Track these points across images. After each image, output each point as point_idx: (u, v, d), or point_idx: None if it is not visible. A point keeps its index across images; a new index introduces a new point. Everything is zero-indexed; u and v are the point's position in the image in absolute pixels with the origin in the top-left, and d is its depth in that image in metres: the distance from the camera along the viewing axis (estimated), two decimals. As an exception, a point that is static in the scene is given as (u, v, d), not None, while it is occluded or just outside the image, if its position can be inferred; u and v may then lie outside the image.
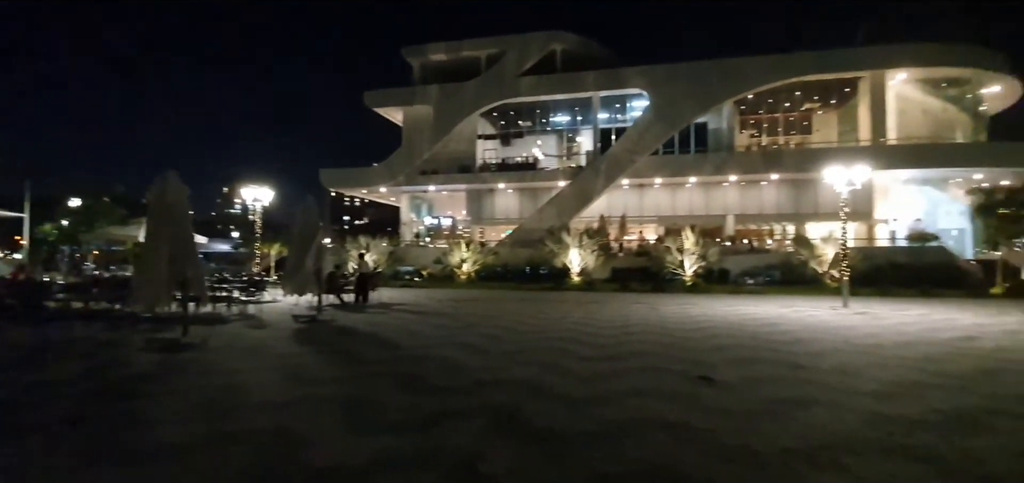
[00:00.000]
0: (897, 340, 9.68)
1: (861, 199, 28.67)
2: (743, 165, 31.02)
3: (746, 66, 30.64)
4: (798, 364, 7.49)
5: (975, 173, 28.22)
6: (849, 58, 29.91)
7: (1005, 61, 29.48)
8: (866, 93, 30.32)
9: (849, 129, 32.19)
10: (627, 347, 8.87)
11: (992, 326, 11.63)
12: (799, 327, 11.36)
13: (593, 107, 33.68)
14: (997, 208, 21.90)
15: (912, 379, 6.59)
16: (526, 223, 32.49)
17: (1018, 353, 8.40)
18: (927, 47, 29.28)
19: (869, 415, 5.09)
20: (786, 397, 5.74)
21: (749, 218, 32.57)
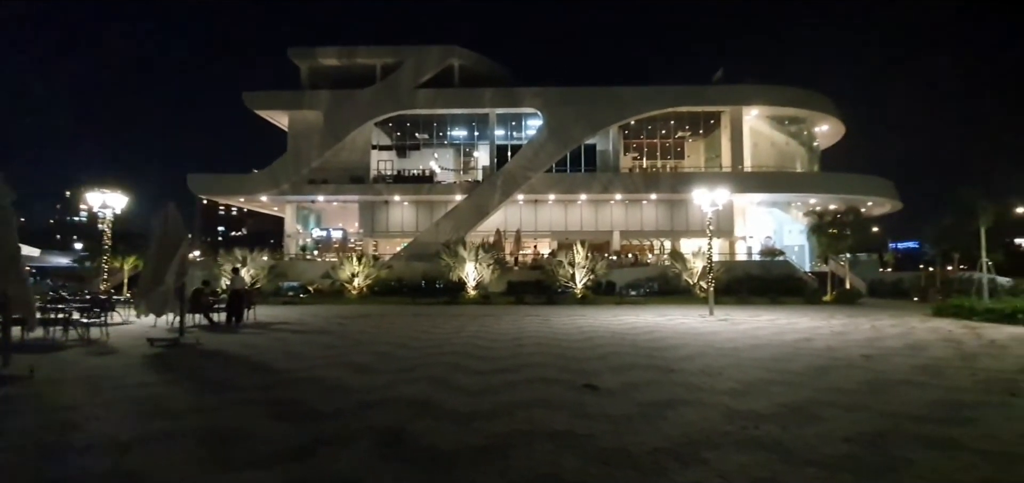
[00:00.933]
0: (751, 343, 10.95)
1: (724, 218, 32.31)
2: (627, 185, 33.43)
3: (629, 95, 33.23)
4: (670, 368, 8.14)
5: (810, 198, 33.20)
6: (712, 94, 33.76)
7: (831, 104, 35.19)
8: (727, 126, 34.33)
9: (714, 156, 36.13)
10: (519, 359, 9.02)
11: (823, 328, 13.64)
12: (672, 334, 12.40)
13: (490, 123, 34.29)
14: (827, 228, 25.88)
15: (761, 377, 7.47)
16: (422, 236, 32.00)
17: (843, 352, 9.90)
18: (773, 89, 34.00)
19: (727, 411, 5.66)
20: (659, 399, 6.20)
21: (632, 234, 35.12)
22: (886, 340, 11.40)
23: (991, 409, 5.75)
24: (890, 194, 34.34)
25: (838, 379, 7.38)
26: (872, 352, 9.73)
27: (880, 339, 11.58)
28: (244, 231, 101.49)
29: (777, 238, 34.42)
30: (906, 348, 10.22)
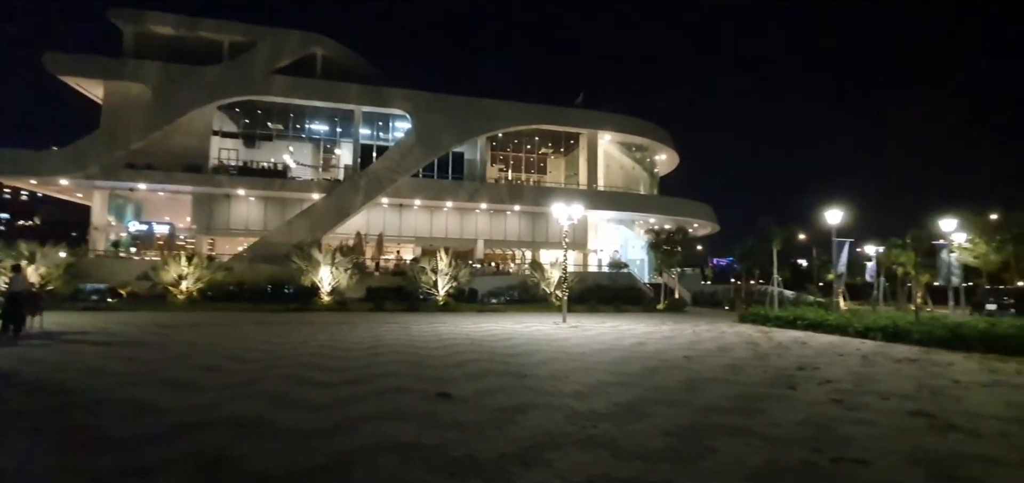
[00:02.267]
0: (596, 348, 11.86)
1: (578, 232, 34.77)
2: (492, 195, 34.28)
3: (497, 108, 34.20)
4: (523, 374, 8.43)
5: (650, 218, 37.29)
6: (573, 117, 36.28)
7: (668, 136, 40.04)
8: (584, 147, 37.14)
9: (573, 174, 38.80)
10: (373, 369, 8.61)
11: (655, 334, 15.33)
12: (528, 341, 12.92)
13: (355, 121, 32.71)
14: (662, 245, 29.33)
15: (602, 379, 8.10)
16: (271, 236, 29.22)
17: (669, 354, 11.19)
18: (624, 119, 37.63)
19: (571, 413, 6.00)
20: (510, 405, 6.35)
21: (496, 243, 36.06)
22: (703, 343, 13.19)
23: (775, 401, 6.91)
24: (711, 217, 40.06)
25: (664, 379, 8.30)
26: (692, 354, 11.16)
27: (699, 342, 13.36)
28: (36, 221, 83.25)
29: (623, 252, 38.09)
30: (717, 350, 11.92)
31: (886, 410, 6.40)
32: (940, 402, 6.86)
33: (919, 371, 9.32)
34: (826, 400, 6.92)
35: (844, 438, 5.25)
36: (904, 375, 8.90)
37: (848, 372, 9.17)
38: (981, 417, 6.11)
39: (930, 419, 5.97)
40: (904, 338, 13.63)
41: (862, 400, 6.93)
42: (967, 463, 4.54)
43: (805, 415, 6.15)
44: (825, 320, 16.69)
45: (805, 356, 11.14)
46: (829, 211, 19.47)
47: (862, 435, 5.34)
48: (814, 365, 9.89)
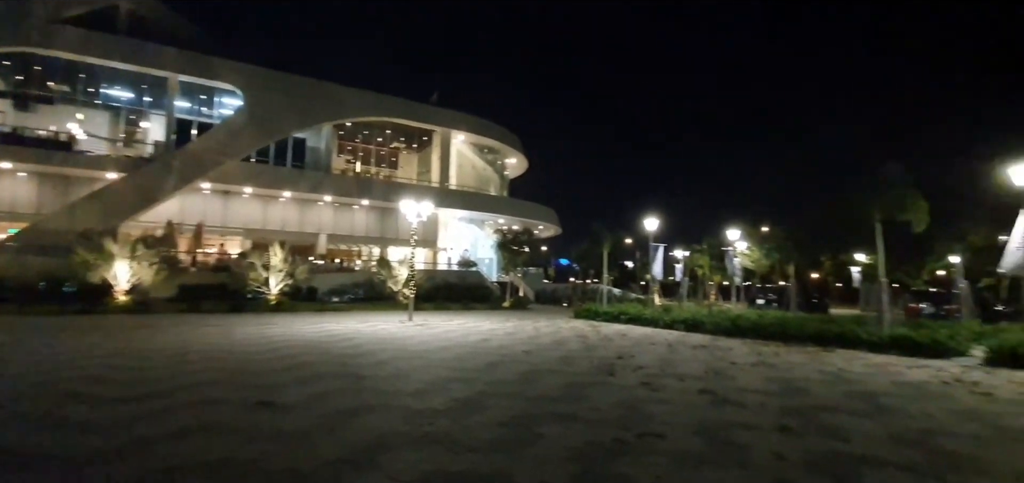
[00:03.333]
0: (441, 345, 11.90)
1: (429, 229, 34.58)
2: (338, 187, 32.33)
3: (346, 95, 32.35)
4: (362, 375, 8.08)
5: (499, 218, 38.69)
6: (427, 113, 35.95)
7: (518, 141, 41.99)
8: (438, 144, 37.07)
9: (425, 171, 38.46)
10: (178, 380, 7.46)
11: (499, 330, 15.93)
12: (371, 340, 12.43)
13: (169, 90, 28.13)
14: (509, 245, 30.64)
15: (444, 376, 8.14)
16: (47, 221, 23.74)
17: (511, 349, 11.70)
18: (476, 120, 38.43)
19: (408, 412, 5.90)
20: (345, 408, 6.02)
21: (342, 238, 34.09)
22: (542, 338, 14.08)
23: (597, 387, 7.65)
24: (554, 220, 43.02)
25: (504, 373, 8.65)
26: (532, 348, 11.83)
27: (538, 337, 14.23)
28: None
29: (472, 251, 38.93)
30: (553, 344, 12.83)
31: (681, 390, 7.51)
32: (720, 381, 8.28)
33: (708, 356, 11.14)
34: (637, 384, 7.87)
35: (648, 416, 6.02)
36: (697, 359, 10.56)
37: (656, 359, 10.57)
38: (747, 391, 7.51)
39: (712, 395, 7.16)
40: (699, 328, 16.21)
41: (664, 382, 8.03)
42: (734, 429, 5.53)
43: (620, 398, 6.92)
44: (642, 315, 19.05)
45: (624, 346, 12.56)
46: (647, 219, 22.33)
47: (662, 412, 6.18)
48: (631, 354, 11.21)
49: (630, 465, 4.40)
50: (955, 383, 8.43)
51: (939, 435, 5.44)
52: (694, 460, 4.56)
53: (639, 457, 4.61)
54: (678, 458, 4.60)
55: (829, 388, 7.83)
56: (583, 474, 4.19)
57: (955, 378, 8.87)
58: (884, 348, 12.04)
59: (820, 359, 10.87)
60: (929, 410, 6.54)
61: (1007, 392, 7.75)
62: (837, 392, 7.56)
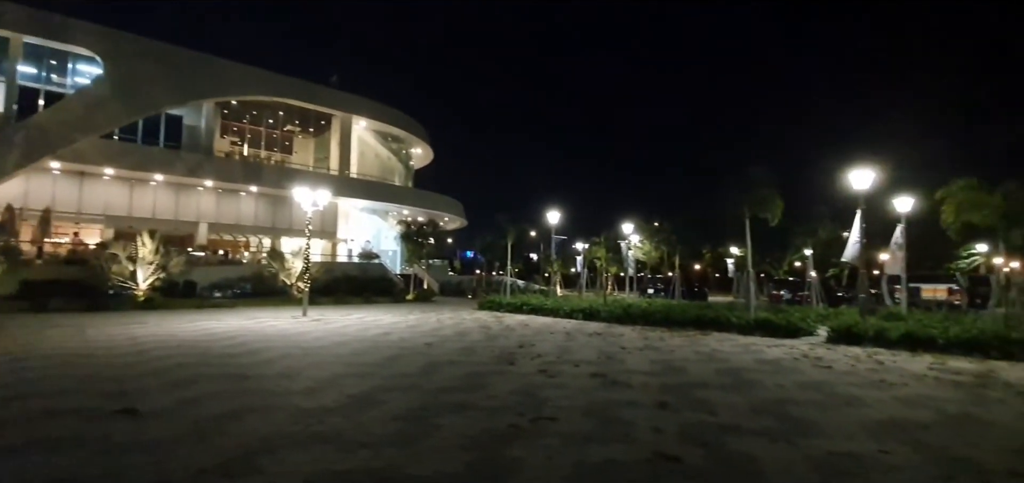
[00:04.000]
0: (337, 340, 11.37)
1: (328, 220, 32.89)
2: (222, 172, 29.56)
3: (230, 71, 29.60)
4: (245, 375, 7.47)
5: (404, 209, 37.76)
6: (326, 96, 34.03)
7: (423, 130, 41.22)
8: (337, 130, 35.24)
9: (323, 157, 36.41)
10: (15, 389, 6.38)
11: (402, 323, 15.58)
12: (257, 338, 11.55)
13: (11, 53, 23.85)
14: (414, 237, 30.02)
15: (338, 372, 7.79)
16: None
17: (412, 342, 11.49)
18: (380, 107, 37.11)
19: (296, 412, 5.56)
20: (223, 412, 5.53)
21: (226, 228, 31.23)
22: (444, 330, 14.00)
23: (497, 376, 7.77)
24: (460, 212, 42.88)
25: (404, 366, 8.47)
26: (433, 340, 11.72)
27: (441, 329, 14.12)
28: None
29: (375, 243, 37.59)
30: (456, 335, 12.81)
31: (576, 375, 7.87)
32: (611, 365, 8.80)
33: (602, 342, 11.79)
34: (535, 371, 8.11)
35: (544, 401, 6.23)
36: (592, 346, 11.13)
37: (555, 347, 10.97)
38: (634, 373, 8.06)
39: (603, 378, 7.59)
40: (596, 317, 17.09)
41: (560, 368, 8.36)
42: (621, 408, 5.91)
43: (518, 385, 7.08)
44: (544, 305, 19.68)
45: (525, 336, 12.89)
46: (550, 212, 23.07)
47: (556, 397, 6.43)
48: (531, 343, 11.53)
49: (523, 449, 4.51)
50: (803, 358, 9.71)
51: (789, 404, 6.23)
52: (583, 439, 4.79)
53: (533, 440, 4.75)
54: (569, 438, 4.80)
55: (703, 367, 8.65)
56: (477, 461, 4.23)
57: (804, 354, 10.22)
58: (751, 330, 13.55)
59: (698, 342, 11.97)
60: (782, 382, 7.47)
61: (842, 365, 9.08)
62: (709, 370, 8.37)
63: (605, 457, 4.33)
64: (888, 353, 10.40)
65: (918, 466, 4.22)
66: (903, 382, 7.57)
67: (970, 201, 13.17)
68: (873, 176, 14.69)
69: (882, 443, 4.77)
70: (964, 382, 7.62)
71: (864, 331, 11.66)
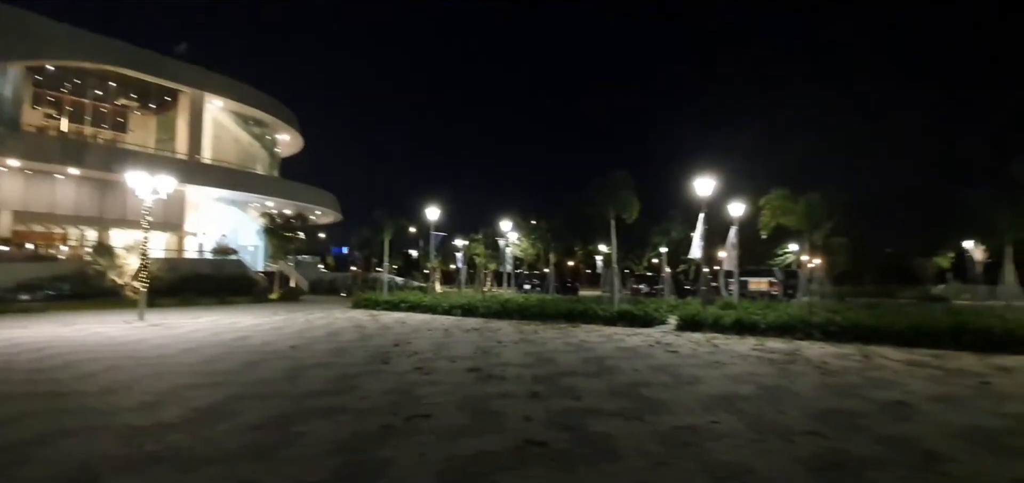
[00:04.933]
0: (184, 347, 10.08)
1: (174, 210, 29.03)
2: (33, 149, 24.59)
3: (45, 28, 24.71)
4: (59, 392, 6.29)
5: (268, 201, 34.64)
6: (172, 68, 29.92)
7: (292, 116, 38.21)
8: (186, 108, 31.21)
9: (168, 138, 32.02)
10: None
11: (264, 325, 14.30)
12: (78, 348, 9.79)
13: None
14: (279, 231, 27.69)
15: (183, 383, 6.90)
16: None
17: (275, 345, 10.59)
18: (240, 87, 33.62)
19: (125, 431, 4.82)
20: (29, 437, 4.60)
21: (36, 217, 26.01)
22: (314, 331, 13.13)
23: (370, 376, 7.49)
24: (334, 206, 40.53)
25: (264, 371, 7.78)
26: (300, 342, 10.93)
27: (309, 330, 13.23)
28: None
29: (233, 237, 33.95)
30: (326, 336, 12.09)
31: (452, 370, 7.90)
32: (487, 359, 8.97)
33: (479, 337, 11.97)
34: (411, 369, 7.98)
35: (418, 398, 6.15)
36: (469, 341, 11.25)
37: (432, 343, 10.89)
38: (508, 366, 8.31)
39: (479, 372, 7.71)
40: (474, 312, 17.30)
41: (437, 365, 8.33)
42: (494, 400, 6.06)
43: (392, 385, 6.90)
44: (422, 301, 19.42)
45: (402, 333, 12.61)
46: (429, 208, 22.81)
47: (431, 394, 6.39)
48: (408, 340, 11.31)
49: (396, 448, 4.42)
50: (656, 345, 10.82)
51: (642, 386, 6.89)
52: (456, 433, 4.83)
53: (406, 438, 4.67)
54: (442, 434, 4.80)
55: (571, 357, 9.22)
56: (344, 466, 4.04)
57: (657, 341, 11.38)
58: (614, 321, 14.73)
59: (568, 333, 12.72)
60: (637, 367, 8.25)
61: (686, 349, 10.28)
62: (577, 359, 8.94)
63: (477, 449, 4.40)
64: (723, 337, 12.01)
65: (740, 432, 4.94)
66: (732, 362, 8.81)
67: (782, 208, 15.74)
68: (714, 184, 16.86)
69: (714, 415, 5.50)
70: (777, 360, 9.08)
71: (705, 319, 13.33)
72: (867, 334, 11.11)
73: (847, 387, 6.93)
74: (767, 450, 4.45)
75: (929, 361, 8.90)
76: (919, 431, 5.02)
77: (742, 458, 4.25)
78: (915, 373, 7.91)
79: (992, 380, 7.40)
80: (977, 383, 7.20)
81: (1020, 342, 9.70)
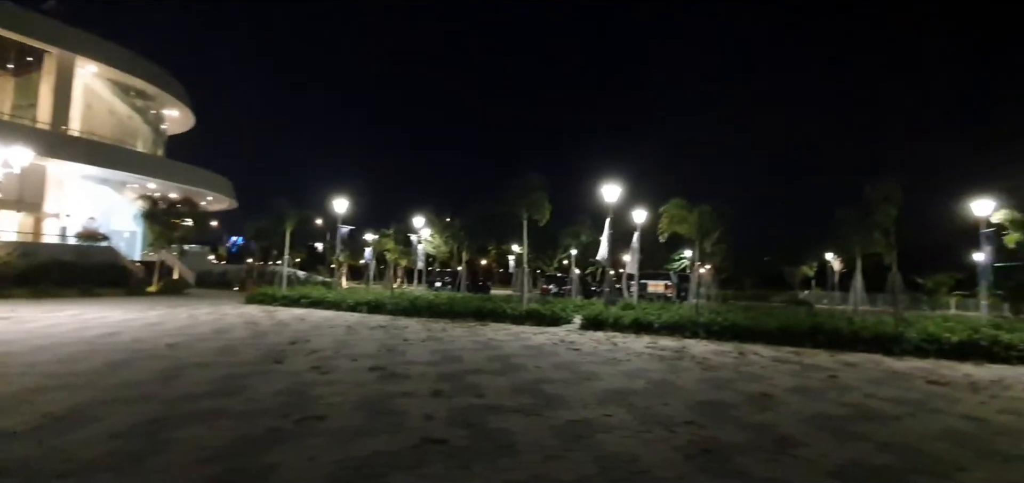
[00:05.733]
0: (37, 345, 8.78)
1: (31, 187, 25.31)
2: None
3: None
4: None
5: (149, 182, 31.10)
6: (37, 24, 25.93)
7: (183, 91, 34.67)
8: (52, 71, 27.23)
9: (28, 105, 27.68)
10: None
11: (137, 320, 12.85)
12: None
13: None
14: (162, 216, 24.97)
15: (34, 385, 6.01)
16: None
17: (150, 343, 9.55)
18: (119, 51, 29.90)
19: (-53, 443, 4.09)
20: None
21: None
22: (198, 328, 12.02)
23: (259, 376, 7.00)
24: (228, 191, 37.31)
25: (134, 373, 6.99)
26: (180, 340, 9.95)
27: (193, 327, 12.09)
28: None
29: (104, 221, 30.05)
30: (212, 333, 11.12)
31: (352, 369, 7.62)
32: (392, 357, 8.77)
33: (385, 335, 11.66)
34: (308, 369, 7.57)
35: (313, 399, 5.86)
36: (374, 339, 10.92)
37: (333, 341, 10.42)
38: (413, 364, 8.18)
39: (381, 371, 7.51)
40: (381, 309, 16.83)
41: (336, 364, 7.99)
42: (396, 399, 5.93)
43: (285, 385, 6.51)
44: (326, 297, 18.52)
45: (301, 331, 11.94)
46: (336, 200, 21.79)
47: (328, 394, 6.12)
48: (307, 338, 10.72)
49: (284, 453, 4.17)
50: (561, 343, 11.21)
51: (544, 383, 7.11)
52: (351, 434, 4.66)
53: (295, 442, 4.43)
54: (336, 435, 4.62)
55: (478, 354, 9.28)
56: (224, 474, 3.74)
57: (561, 340, 11.80)
58: (522, 320, 15.04)
59: (476, 332, 12.79)
60: (541, 364, 8.50)
61: (588, 347, 10.76)
62: (483, 357, 9.02)
63: (372, 449, 4.29)
64: (622, 336, 12.73)
65: (629, 424, 5.27)
66: (628, 358, 9.36)
67: (678, 216, 16.99)
68: (619, 190, 17.80)
69: (607, 408, 5.82)
70: (667, 357, 9.80)
71: (607, 319, 14.04)
72: (743, 333, 12.36)
73: (723, 381, 7.65)
74: (651, 440, 4.79)
75: (791, 357, 10.09)
76: (778, 419, 5.67)
77: (628, 448, 4.53)
78: (779, 368, 8.92)
79: (839, 374, 8.55)
80: (827, 376, 8.27)
81: (863, 341, 11.29)
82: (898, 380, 8.20)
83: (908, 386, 7.75)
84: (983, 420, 5.92)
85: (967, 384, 8.04)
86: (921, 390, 7.50)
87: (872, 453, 4.66)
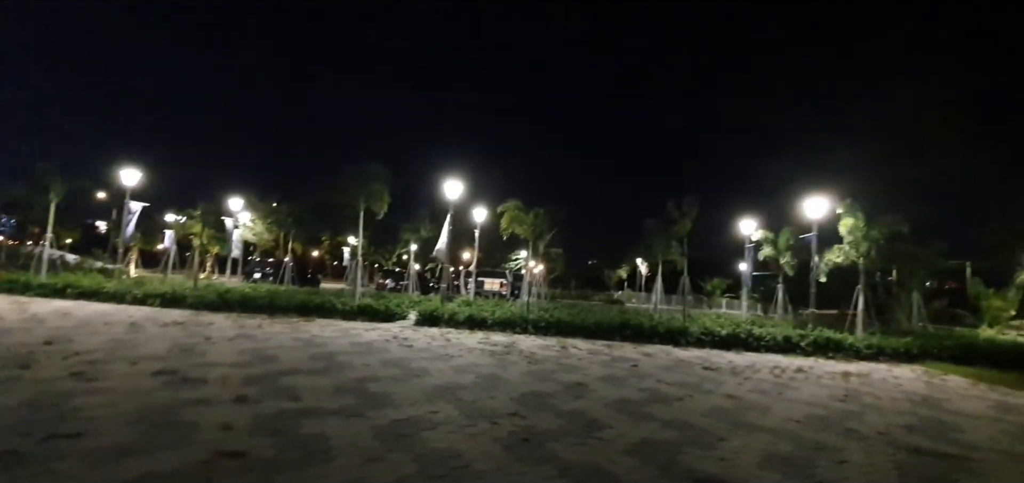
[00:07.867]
0: None
1: None
2: None
3: None
4: None
5: None
6: None
7: None
8: None
9: None
10: None
11: None
12: None
13: None
14: None
15: None
16: None
17: None
18: None
19: None
20: None
21: None
22: None
23: (-13, 386, 5.38)
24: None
25: None
26: None
27: None
28: None
29: None
30: (-83, 331, 8.31)
31: (130, 374, 6.31)
32: (186, 358, 7.50)
33: (181, 332, 9.98)
34: (65, 375, 6.06)
35: (70, 412, 4.68)
36: (165, 337, 9.25)
37: (108, 340, 8.57)
38: (214, 366, 7.11)
39: (170, 376, 6.35)
40: (180, 303, 14.45)
41: (109, 368, 6.54)
42: (184, 408, 5.04)
43: (31, 396, 5.10)
44: (103, 288, 15.25)
45: (63, 328, 9.60)
46: (124, 171, 18.05)
47: (93, 404, 4.95)
48: (70, 338, 8.64)
49: (16, 480, 3.22)
50: (393, 339, 10.85)
51: (370, 381, 6.76)
52: (118, 453, 3.81)
53: (37, 466, 3.45)
54: (96, 456, 3.73)
55: (298, 353, 8.46)
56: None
57: (394, 336, 11.43)
58: (354, 316, 14.24)
59: (299, 328, 11.71)
60: (369, 362, 8.09)
61: (421, 343, 10.60)
62: (304, 356, 8.25)
63: (144, 470, 3.55)
64: (456, 332, 12.84)
65: (455, 419, 5.25)
66: (460, 354, 9.45)
67: (516, 217, 17.83)
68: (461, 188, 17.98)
69: (434, 405, 5.74)
70: (497, 352, 10.13)
71: (442, 315, 14.05)
72: (566, 329, 13.45)
73: (545, 373, 8.17)
74: (475, 433, 4.84)
75: (603, 350, 11.25)
76: (589, 405, 6.21)
77: (452, 443, 4.50)
78: (593, 359, 9.86)
79: (639, 363, 9.77)
80: (630, 366, 9.39)
81: (660, 334, 13.12)
82: (682, 367, 9.68)
83: (689, 372, 9.20)
84: (739, 398, 7.27)
85: (730, 369, 9.84)
86: (698, 375, 8.95)
87: (659, 430, 5.37)
